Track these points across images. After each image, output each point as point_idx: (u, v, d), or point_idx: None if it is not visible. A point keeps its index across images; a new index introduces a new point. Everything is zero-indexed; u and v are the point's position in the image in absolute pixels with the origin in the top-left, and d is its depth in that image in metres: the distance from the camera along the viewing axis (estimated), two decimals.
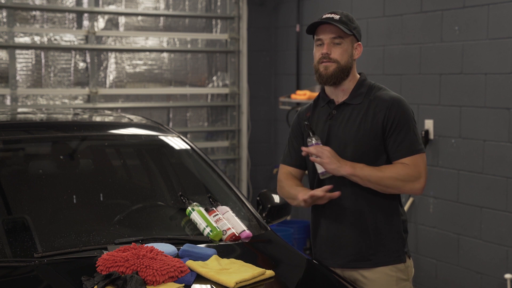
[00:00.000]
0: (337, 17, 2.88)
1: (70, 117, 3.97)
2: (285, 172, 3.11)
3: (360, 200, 2.91)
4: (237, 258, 2.75)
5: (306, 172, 3.12)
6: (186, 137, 3.88)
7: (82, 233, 2.98)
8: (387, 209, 2.92)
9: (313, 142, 2.89)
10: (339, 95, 2.96)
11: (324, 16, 2.91)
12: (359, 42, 2.94)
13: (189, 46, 6.63)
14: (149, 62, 6.43)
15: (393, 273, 2.92)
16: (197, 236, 3.02)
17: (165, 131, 3.72)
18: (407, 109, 2.90)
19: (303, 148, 2.91)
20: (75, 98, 6.12)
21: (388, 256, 2.92)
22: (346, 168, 2.82)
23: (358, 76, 2.99)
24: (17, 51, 5.82)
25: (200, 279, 2.56)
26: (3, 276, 2.62)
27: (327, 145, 2.91)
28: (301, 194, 2.89)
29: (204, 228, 3.03)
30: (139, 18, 6.36)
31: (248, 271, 2.60)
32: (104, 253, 2.64)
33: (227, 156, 6.85)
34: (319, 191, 2.84)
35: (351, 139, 2.88)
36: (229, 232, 3.03)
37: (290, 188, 3.02)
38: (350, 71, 2.93)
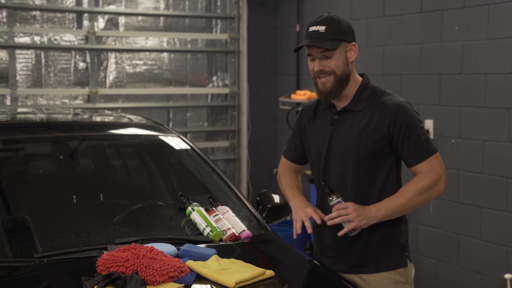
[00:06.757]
0: (322, 29, 2.77)
1: (70, 117, 3.97)
2: (284, 167, 3.18)
3: None
4: (237, 258, 2.74)
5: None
6: (186, 137, 3.88)
7: (82, 233, 2.97)
8: None
9: (335, 201, 2.81)
10: (340, 100, 2.90)
11: (310, 29, 2.81)
12: (353, 42, 2.85)
13: (189, 46, 6.63)
14: (149, 62, 6.43)
15: (392, 276, 2.91)
16: (197, 236, 3.02)
17: (165, 131, 3.71)
18: (412, 114, 2.83)
19: (327, 219, 2.83)
20: (75, 98, 6.12)
21: (389, 262, 2.91)
22: (374, 218, 2.79)
23: (360, 79, 2.91)
24: (17, 51, 5.82)
25: (200, 279, 2.56)
26: (3, 276, 2.61)
27: (329, 152, 2.90)
28: (295, 214, 2.94)
29: (204, 228, 3.03)
30: (139, 18, 6.36)
31: (248, 271, 2.60)
32: (104, 253, 2.64)
33: (227, 156, 6.85)
34: (317, 217, 2.89)
35: (353, 146, 2.84)
36: (229, 232, 3.03)
37: (285, 188, 3.12)
38: (349, 77, 2.86)
